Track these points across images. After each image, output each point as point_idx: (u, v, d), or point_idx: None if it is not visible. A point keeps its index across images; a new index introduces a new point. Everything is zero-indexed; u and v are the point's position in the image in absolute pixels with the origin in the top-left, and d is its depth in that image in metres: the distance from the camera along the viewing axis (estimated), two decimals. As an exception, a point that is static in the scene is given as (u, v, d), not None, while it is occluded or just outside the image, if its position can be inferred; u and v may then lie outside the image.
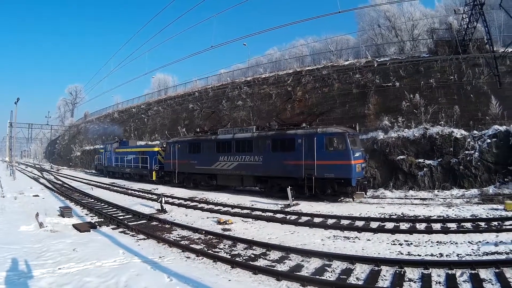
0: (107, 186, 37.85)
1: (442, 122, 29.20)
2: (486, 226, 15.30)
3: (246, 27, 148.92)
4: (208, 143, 30.65)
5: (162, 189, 32.01)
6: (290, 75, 41.84)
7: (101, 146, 59.55)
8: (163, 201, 21.84)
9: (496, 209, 18.30)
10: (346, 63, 38.89)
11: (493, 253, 11.62)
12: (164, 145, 38.59)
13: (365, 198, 24.05)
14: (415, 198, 24.20)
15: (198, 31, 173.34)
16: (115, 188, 35.91)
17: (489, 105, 28.53)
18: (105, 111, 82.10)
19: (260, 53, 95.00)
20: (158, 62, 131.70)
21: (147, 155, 40.22)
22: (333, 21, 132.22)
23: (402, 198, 24.62)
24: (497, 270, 9.90)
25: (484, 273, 9.85)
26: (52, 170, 73.13)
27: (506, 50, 27.53)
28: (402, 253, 12.19)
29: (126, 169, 45.42)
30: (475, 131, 27.51)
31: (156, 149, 40.03)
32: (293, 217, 18.91)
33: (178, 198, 26.83)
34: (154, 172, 38.24)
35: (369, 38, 49.44)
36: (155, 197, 25.72)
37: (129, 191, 32.61)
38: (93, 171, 62.72)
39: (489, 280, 9.42)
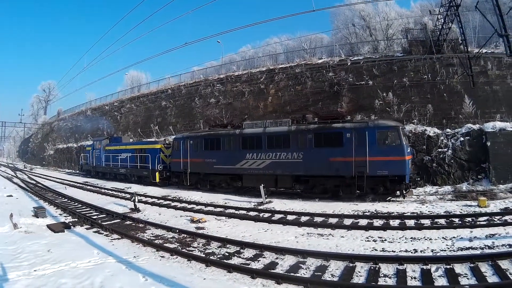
0: (81, 185, 36.89)
1: (415, 121, 29.30)
2: (460, 222, 15.30)
3: (220, 24, 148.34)
4: (231, 139, 26.49)
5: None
6: (263, 72, 41.46)
7: (88, 143, 53.94)
8: (137, 200, 21.42)
9: (470, 206, 18.29)
10: (320, 61, 38.81)
11: (467, 249, 11.66)
12: (168, 142, 34.96)
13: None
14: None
15: (172, 28, 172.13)
16: (89, 187, 35.08)
17: (462, 104, 28.75)
18: (78, 109, 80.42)
19: (234, 51, 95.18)
20: (132, 59, 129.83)
21: (147, 153, 34.53)
22: (307, 19, 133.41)
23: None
24: (472, 265, 9.97)
25: (459, 268, 9.90)
26: (25, 169, 71.07)
27: (480, 51, 27.68)
28: (376, 250, 12.18)
29: (121, 169, 38.80)
30: (448, 130, 27.67)
31: (158, 146, 34.25)
32: (267, 215, 18.78)
33: (151, 197, 26.31)
34: (157, 173, 32.74)
35: (343, 37, 49.56)
36: (128, 196, 25.16)
37: (103, 190, 31.74)
38: (78, 171, 57.39)
39: (464, 275, 9.48)
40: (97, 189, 33.18)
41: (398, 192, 21.06)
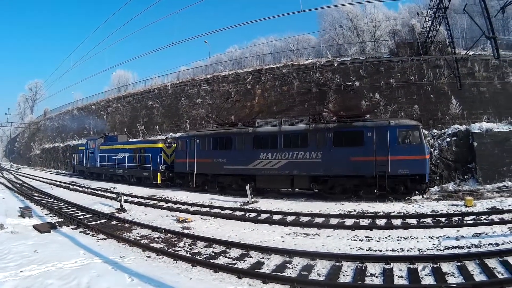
0: (67, 185, 36.43)
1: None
2: (446, 221, 15.29)
3: (207, 24, 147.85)
4: (243, 138, 25.08)
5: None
6: (250, 73, 41.30)
7: (80, 143, 52.11)
8: (123, 200, 21.23)
9: (456, 205, 18.33)
10: (307, 62, 38.77)
11: (454, 248, 11.64)
12: (169, 141, 33.05)
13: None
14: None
15: (159, 27, 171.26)
16: (75, 187, 34.69)
17: (449, 105, 28.93)
18: (65, 108, 79.46)
19: (221, 51, 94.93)
20: (119, 58, 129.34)
21: (147, 152, 32.39)
22: (295, 20, 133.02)
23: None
24: (459, 264, 9.97)
25: (446, 267, 9.89)
26: (12, 169, 70.60)
27: (468, 53, 27.83)
28: (362, 249, 12.14)
29: (118, 170, 36.60)
30: (434, 130, 27.85)
31: (159, 145, 32.00)
32: (253, 215, 18.69)
33: (137, 197, 26.00)
34: (159, 174, 30.83)
35: (330, 38, 49.61)
36: (114, 195, 24.75)
37: (89, 190, 31.35)
38: (70, 172, 54.22)
39: (451, 274, 9.47)
40: (83, 189, 32.76)
41: (416, 192, 20.99)
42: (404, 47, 34.99)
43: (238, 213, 19.44)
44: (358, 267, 10.24)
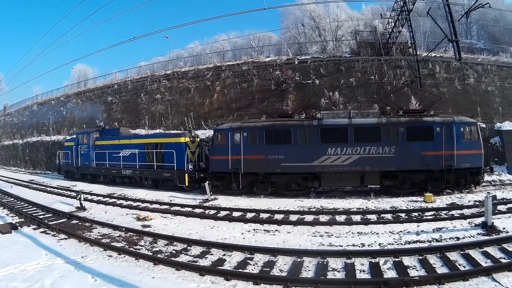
0: (27, 183, 34.93)
1: (361, 119, 29.45)
2: (406, 217, 15.47)
3: (169, 19, 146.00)
4: (306, 130, 22.41)
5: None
6: (210, 69, 40.79)
7: (68, 138, 42.20)
8: (82, 198, 20.50)
9: (416, 201, 18.56)
10: (267, 59, 38.72)
11: (415, 242, 11.83)
12: (194, 134, 27.85)
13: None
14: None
15: (121, 21, 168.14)
16: (35, 185, 33.31)
17: (408, 104, 29.54)
18: (25, 103, 76.63)
19: (181, 47, 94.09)
20: (79, 52, 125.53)
21: (169, 148, 26.61)
22: (257, 17, 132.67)
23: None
24: (420, 257, 10.14)
25: (408, 261, 10.06)
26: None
27: (429, 54, 28.39)
28: (323, 244, 12.14)
29: (124, 170, 29.90)
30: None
31: (183, 139, 26.24)
32: (212, 212, 18.44)
33: (97, 195, 25.17)
34: (186, 175, 25.33)
35: (292, 36, 50.10)
36: (74, 194, 23.95)
37: (48, 189, 30.07)
38: (55, 173, 44.85)
39: (413, 267, 9.62)
40: (43, 187, 31.51)
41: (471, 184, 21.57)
42: (366, 47, 35.61)
43: (197, 210, 19.12)
44: (320, 262, 10.23)
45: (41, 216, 18.34)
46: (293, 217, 16.37)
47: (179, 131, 33.94)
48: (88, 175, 34.05)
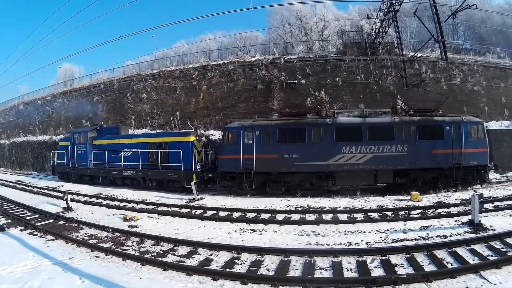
0: (13, 184, 34.36)
1: (347, 118, 29.56)
2: (393, 215, 15.51)
3: (155, 18, 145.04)
4: (321, 129, 22.03)
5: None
6: (196, 69, 40.57)
7: (64, 137, 40.81)
8: (69, 199, 20.28)
9: (403, 200, 18.65)
10: (253, 59, 38.72)
11: (402, 240, 11.93)
12: (200, 133, 27.35)
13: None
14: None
15: (107, 20, 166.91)
16: (21, 186, 32.81)
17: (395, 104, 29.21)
18: (11, 103, 75.80)
19: (168, 46, 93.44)
20: (66, 51, 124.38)
21: (174, 148, 25.52)
22: (244, 17, 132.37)
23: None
24: (408, 256, 10.20)
25: (395, 259, 10.12)
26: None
27: (415, 54, 28.54)
28: (310, 243, 12.17)
29: (126, 171, 28.43)
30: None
31: (190, 138, 25.22)
32: (199, 212, 18.36)
33: (84, 195, 24.87)
34: (194, 176, 24.26)
35: (278, 36, 50.21)
36: (60, 194, 23.78)
37: (35, 189, 29.60)
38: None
39: (401, 265, 9.67)
40: (29, 188, 31.02)
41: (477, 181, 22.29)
42: (352, 47, 35.68)
43: (184, 210, 19.03)
44: (307, 261, 10.24)
45: (28, 217, 18.17)
46: (280, 217, 16.36)
47: (185, 130, 32.60)
48: (85, 176, 32.14)
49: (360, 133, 21.44)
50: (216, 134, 31.03)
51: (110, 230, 14.78)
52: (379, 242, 11.80)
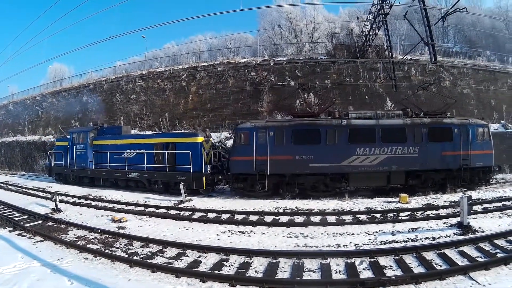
0: (2, 185, 33.72)
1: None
2: (382, 217, 15.52)
3: (145, 19, 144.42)
4: (335, 130, 21.85)
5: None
6: (186, 70, 40.62)
7: (61, 137, 37.54)
8: (58, 200, 20.08)
9: (391, 202, 18.66)
10: (243, 60, 38.86)
11: (391, 242, 11.92)
12: (208, 134, 26.13)
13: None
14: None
15: (97, 20, 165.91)
16: (10, 186, 32.35)
17: (384, 106, 29.72)
18: (0, 102, 75.19)
19: (158, 47, 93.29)
20: (56, 51, 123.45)
21: (182, 149, 24.51)
22: (234, 18, 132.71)
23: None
24: (396, 257, 10.26)
25: (384, 261, 10.14)
26: None
27: (405, 57, 28.61)
28: (299, 245, 12.18)
29: (130, 173, 27.17)
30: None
31: (199, 139, 24.29)
32: (187, 213, 18.31)
33: (72, 196, 24.57)
34: (204, 178, 23.50)
35: (268, 38, 50.22)
36: (49, 195, 23.39)
37: (24, 190, 29.17)
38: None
39: (389, 267, 9.71)
40: (18, 188, 30.51)
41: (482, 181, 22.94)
42: (341, 50, 35.97)
43: (172, 212, 18.95)
44: (295, 263, 10.25)
45: (17, 218, 18.04)
46: (268, 218, 16.29)
47: (193, 131, 30.98)
48: (85, 178, 30.55)
49: (374, 134, 21.56)
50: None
51: (99, 231, 14.71)
52: (368, 244, 11.80)
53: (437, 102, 27.80)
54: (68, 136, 32.38)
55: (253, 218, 16.60)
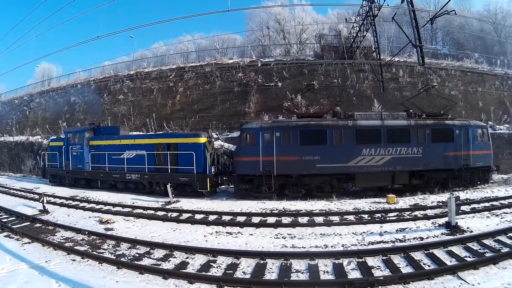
0: None
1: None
2: (369, 218, 15.51)
3: (134, 19, 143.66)
4: (342, 131, 21.89)
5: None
6: (173, 70, 40.50)
7: (54, 137, 36.77)
8: (45, 201, 19.91)
9: (379, 203, 18.68)
10: (230, 61, 38.93)
11: (379, 243, 11.92)
12: (211, 134, 25.94)
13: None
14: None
15: (85, 19, 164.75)
16: None
17: (371, 107, 29.79)
18: (-12, 102, 74.53)
19: (146, 47, 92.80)
20: (44, 50, 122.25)
21: (185, 150, 23.81)
22: (222, 19, 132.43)
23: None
24: (384, 258, 10.27)
25: (372, 261, 10.13)
26: None
27: (393, 58, 28.73)
28: (286, 246, 12.19)
29: (130, 175, 26.15)
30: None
31: (202, 139, 23.70)
32: (175, 214, 18.22)
33: (60, 197, 24.19)
34: (208, 179, 23.05)
35: (256, 39, 50.41)
36: (37, 196, 23.13)
37: (11, 191, 28.73)
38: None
39: (377, 267, 9.70)
40: (6, 189, 29.87)
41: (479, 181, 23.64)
42: (329, 51, 36.06)
43: (160, 213, 18.87)
44: (283, 264, 10.25)
45: (5, 220, 17.82)
46: (256, 219, 16.23)
47: (195, 131, 28.20)
48: (81, 179, 29.38)
49: (379, 135, 21.82)
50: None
51: (86, 233, 14.59)
52: (356, 245, 11.79)
53: (436, 104, 28.06)
54: (63, 136, 31.49)
55: (241, 219, 16.51)
